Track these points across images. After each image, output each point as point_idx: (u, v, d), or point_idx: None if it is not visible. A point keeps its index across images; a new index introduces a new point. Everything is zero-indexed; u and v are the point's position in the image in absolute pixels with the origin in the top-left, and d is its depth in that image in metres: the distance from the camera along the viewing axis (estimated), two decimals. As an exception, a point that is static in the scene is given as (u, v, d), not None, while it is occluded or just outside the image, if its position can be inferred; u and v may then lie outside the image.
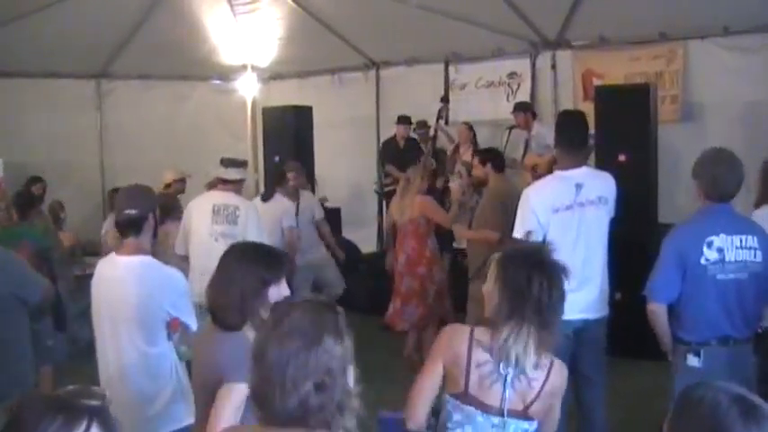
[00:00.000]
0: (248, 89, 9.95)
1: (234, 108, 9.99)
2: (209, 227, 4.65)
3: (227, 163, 4.80)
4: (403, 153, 8.20)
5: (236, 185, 4.79)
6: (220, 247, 4.62)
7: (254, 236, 4.49)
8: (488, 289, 2.21)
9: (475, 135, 7.78)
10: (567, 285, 2.17)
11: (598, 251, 3.70)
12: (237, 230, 4.60)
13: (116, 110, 9.31)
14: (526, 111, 7.31)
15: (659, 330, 3.22)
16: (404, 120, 8.32)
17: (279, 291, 2.33)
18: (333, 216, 7.82)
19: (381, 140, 8.83)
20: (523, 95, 7.89)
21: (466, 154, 7.52)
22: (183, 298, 2.95)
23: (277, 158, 7.98)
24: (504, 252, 2.27)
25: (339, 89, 9.40)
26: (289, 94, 9.21)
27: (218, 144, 8.84)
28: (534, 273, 2.11)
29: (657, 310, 3.18)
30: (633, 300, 3.57)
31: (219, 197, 4.74)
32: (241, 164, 4.89)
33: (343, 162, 9.29)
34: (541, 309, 2.09)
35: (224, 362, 2.22)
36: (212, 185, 5.02)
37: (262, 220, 4.93)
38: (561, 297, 2.13)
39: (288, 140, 7.99)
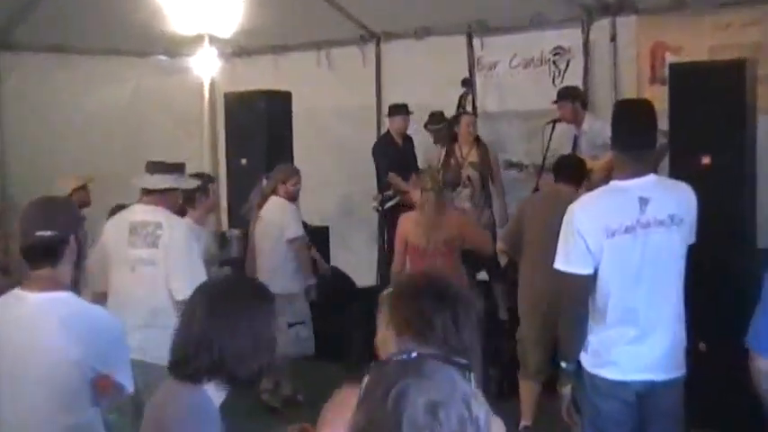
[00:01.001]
0: (205, 68, 10.02)
1: (185, 93, 10.07)
2: (124, 252, 4.68)
3: (153, 168, 4.86)
4: (403, 155, 8.25)
5: (164, 197, 4.83)
6: (138, 280, 4.67)
7: (179, 265, 4.51)
8: (380, 338, 2.24)
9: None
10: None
11: (669, 288, 3.68)
12: (158, 256, 4.62)
13: (16, 94, 9.14)
14: (575, 99, 7.33)
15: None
16: (398, 110, 8.33)
17: None
18: (318, 237, 7.84)
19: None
20: (573, 78, 7.92)
21: (470, 154, 7.63)
22: (117, 349, 2.95)
23: (244, 161, 8.03)
24: (394, 286, 2.30)
25: (327, 70, 9.45)
26: (260, 76, 9.26)
27: (164, 142, 8.93)
28: (434, 307, 2.13)
29: (766, 367, 3.15)
30: (723, 352, 3.55)
31: (139, 212, 4.79)
32: (172, 168, 4.94)
33: (332, 167, 9.31)
34: (450, 351, 2.10)
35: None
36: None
37: (202, 241, 5.03)
38: (474, 334, 2.15)
39: (258, 137, 8.06)
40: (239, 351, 2.43)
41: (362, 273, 8.61)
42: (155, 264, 4.51)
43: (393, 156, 8.30)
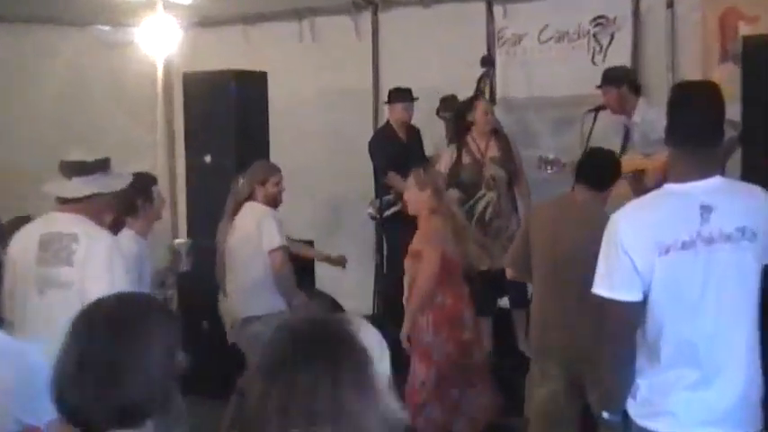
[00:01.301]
0: (159, 42, 10.02)
1: (134, 73, 10.09)
2: (31, 271, 4.65)
3: (70, 169, 4.76)
4: (408, 149, 8.29)
5: (89, 206, 4.77)
6: (47, 306, 4.65)
7: (97, 287, 4.40)
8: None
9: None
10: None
11: (740, 318, 3.67)
12: (72, 276, 4.58)
13: None
14: (622, 82, 7.32)
15: None
16: (401, 95, 8.37)
17: None
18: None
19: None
20: (618, 56, 7.94)
21: (489, 147, 7.64)
22: (44, 392, 2.93)
23: (208, 158, 8.03)
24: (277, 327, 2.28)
25: (311, 44, 9.50)
26: (228, 52, 9.33)
27: (107, 134, 8.92)
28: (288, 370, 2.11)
29: None
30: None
31: (52, 223, 4.74)
32: (94, 167, 4.84)
33: (318, 166, 9.31)
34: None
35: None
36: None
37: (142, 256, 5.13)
38: (363, 403, 2.11)
39: (226, 128, 8.09)
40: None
41: (355, 297, 8.59)
42: (68, 286, 4.46)
43: (394, 152, 8.32)
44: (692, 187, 3.63)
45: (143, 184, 5.89)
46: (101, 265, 4.61)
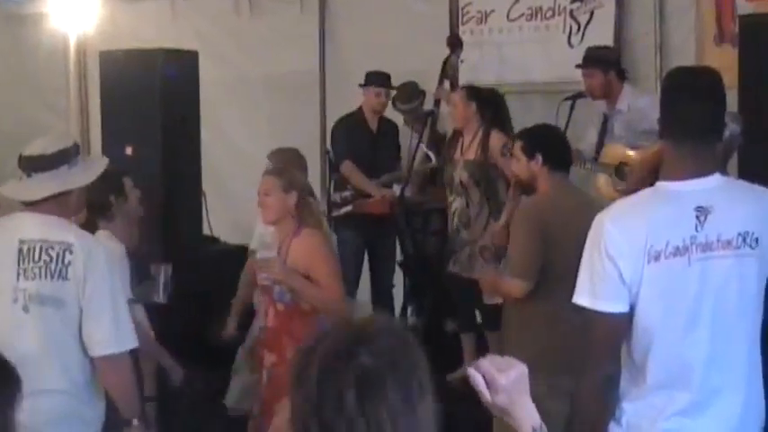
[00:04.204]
0: (70, 16, 9.98)
1: (42, 52, 10.03)
2: (9, 284, 4.59)
3: (27, 165, 4.64)
4: (377, 142, 8.31)
5: (56, 206, 4.71)
6: (33, 325, 4.62)
7: (100, 305, 4.44)
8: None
9: (483, 108, 7.72)
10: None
11: (740, 335, 3.70)
12: (68, 292, 4.53)
13: None
14: (606, 65, 7.36)
15: None
16: (377, 79, 8.39)
17: None
18: (232, 261, 7.75)
19: (330, 116, 8.90)
20: (598, 36, 7.99)
21: (472, 144, 7.55)
22: None
23: (129, 149, 7.97)
24: (304, 344, 2.30)
25: (249, 19, 9.50)
26: (152, 28, 9.36)
27: (12, 124, 8.90)
28: (337, 377, 2.14)
29: None
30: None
31: (32, 227, 4.64)
32: (58, 160, 4.78)
33: (258, 159, 9.25)
34: None
35: None
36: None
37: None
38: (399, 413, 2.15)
39: (150, 116, 8.06)
40: None
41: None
42: (63, 303, 4.40)
43: (360, 142, 8.35)
44: (688, 187, 3.64)
45: (112, 177, 5.69)
46: (102, 279, 4.55)
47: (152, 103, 8.07)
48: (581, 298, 3.68)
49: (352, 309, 6.54)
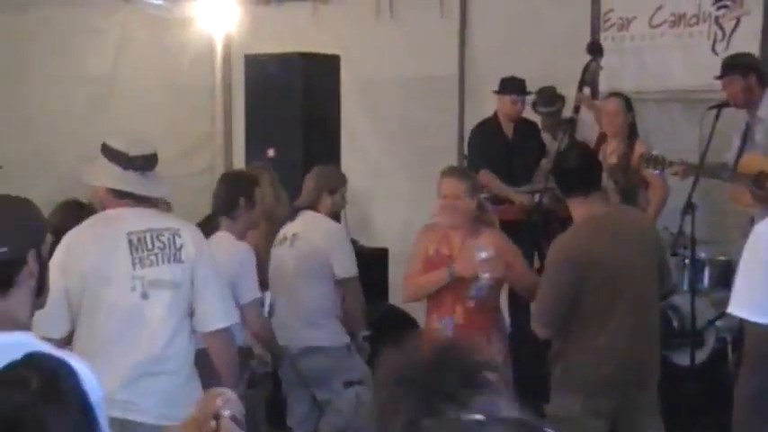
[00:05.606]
0: (217, 18, 10.13)
1: (188, 54, 10.06)
2: (125, 274, 4.73)
3: (148, 162, 4.76)
4: (513, 149, 8.30)
5: (152, 202, 4.88)
6: (151, 309, 4.78)
7: (213, 283, 4.65)
8: None
9: (633, 117, 7.73)
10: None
11: None
12: (183, 274, 4.69)
13: None
14: (745, 69, 7.27)
15: None
16: (512, 86, 8.37)
17: None
18: (372, 263, 7.88)
19: (468, 121, 8.93)
20: (745, 43, 7.89)
21: (615, 151, 7.55)
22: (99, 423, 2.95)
23: (271, 151, 8.08)
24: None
25: (389, 22, 9.52)
26: (295, 32, 9.40)
27: (155, 124, 8.99)
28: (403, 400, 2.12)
29: None
30: None
31: (133, 219, 4.77)
32: (154, 161, 4.91)
33: (395, 164, 9.36)
34: None
35: None
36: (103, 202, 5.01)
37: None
38: None
39: (292, 118, 8.14)
40: None
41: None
42: (179, 285, 4.59)
43: (495, 149, 8.33)
44: None
45: (247, 180, 6.10)
46: (209, 259, 4.79)
47: (294, 106, 8.15)
48: (739, 310, 3.65)
49: None
